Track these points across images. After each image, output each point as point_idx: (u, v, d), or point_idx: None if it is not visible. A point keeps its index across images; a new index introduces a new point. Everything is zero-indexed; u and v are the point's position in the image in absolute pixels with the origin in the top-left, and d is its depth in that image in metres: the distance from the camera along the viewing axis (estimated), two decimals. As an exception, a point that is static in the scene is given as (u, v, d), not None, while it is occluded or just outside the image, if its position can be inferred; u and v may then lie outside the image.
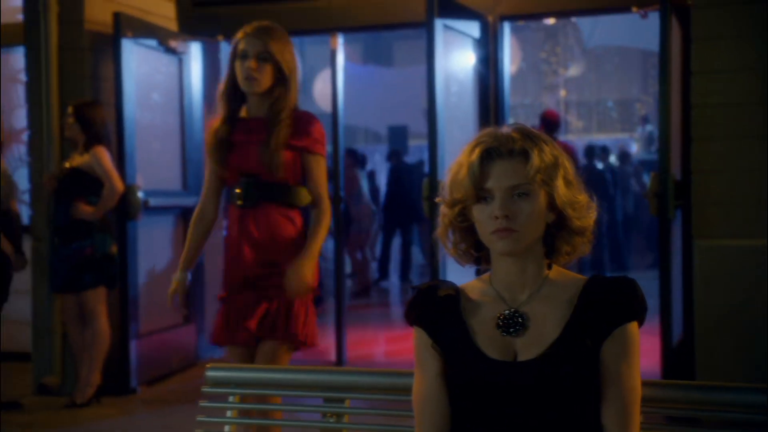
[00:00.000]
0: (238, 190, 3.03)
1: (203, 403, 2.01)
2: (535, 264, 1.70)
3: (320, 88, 12.24)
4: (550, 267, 1.72)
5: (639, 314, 1.66)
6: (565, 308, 1.66)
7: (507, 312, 1.67)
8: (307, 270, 2.95)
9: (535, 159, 1.64)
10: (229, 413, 2.00)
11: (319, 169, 3.06)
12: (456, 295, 1.73)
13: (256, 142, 3.02)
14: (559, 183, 1.66)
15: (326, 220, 3.06)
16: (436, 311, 1.72)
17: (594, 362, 1.63)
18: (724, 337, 4.41)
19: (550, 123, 7.36)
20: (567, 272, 1.74)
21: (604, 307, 1.65)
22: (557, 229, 1.70)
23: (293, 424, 2.30)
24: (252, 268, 3.01)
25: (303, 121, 3.06)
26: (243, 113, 3.12)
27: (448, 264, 4.85)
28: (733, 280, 4.39)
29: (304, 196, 3.07)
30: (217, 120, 3.11)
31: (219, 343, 3.14)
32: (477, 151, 1.66)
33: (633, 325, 1.65)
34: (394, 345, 6.97)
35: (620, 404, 1.63)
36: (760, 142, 4.39)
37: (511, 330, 1.66)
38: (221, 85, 3.12)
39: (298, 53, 12.25)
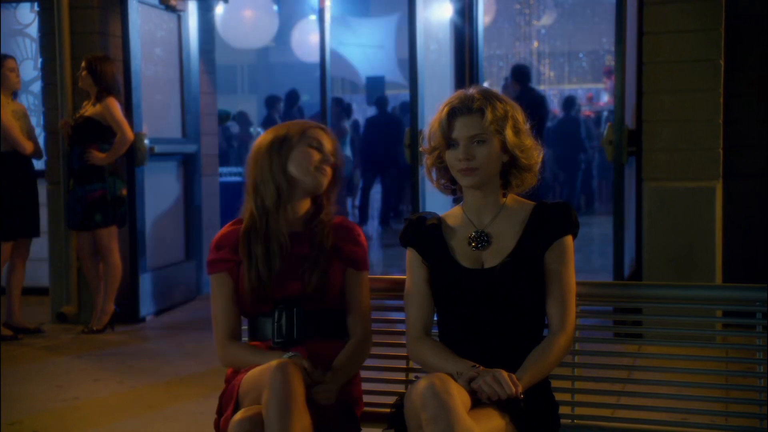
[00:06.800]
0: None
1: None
2: (494, 194, 2.25)
3: (297, 38, 12.68)
4: (505, 196, 2.27)
5: (573, 230, 2.22)
6: (519, 227, 2.22)
7: (475, 232, 2.23)
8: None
9: (489, 114, 2.18)
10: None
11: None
12: (438, 222, 2.29)
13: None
14: (509, 131, 2.19)
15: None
16: (424, 235, 2.28)
17: (540, 267, 2.19)
18: (669, 270, 4.99)
19: (520, 74, 7.93)
20: (520, 199, 2.30)
21: (546, 225, 2.21)
22: (510, 167, 2.24)
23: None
24: None
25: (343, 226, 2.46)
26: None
27: (427, 198, 5.45)
28: (677, 218, 4.98)
29: None
30: None
31: None
32: (446, 110, 2.21)
33: (568, 238, 2.22)
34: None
35: (560, 297, 2.19)
36: (706, 95, 4.93)
37: (479, 245, 2.22)
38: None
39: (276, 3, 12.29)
